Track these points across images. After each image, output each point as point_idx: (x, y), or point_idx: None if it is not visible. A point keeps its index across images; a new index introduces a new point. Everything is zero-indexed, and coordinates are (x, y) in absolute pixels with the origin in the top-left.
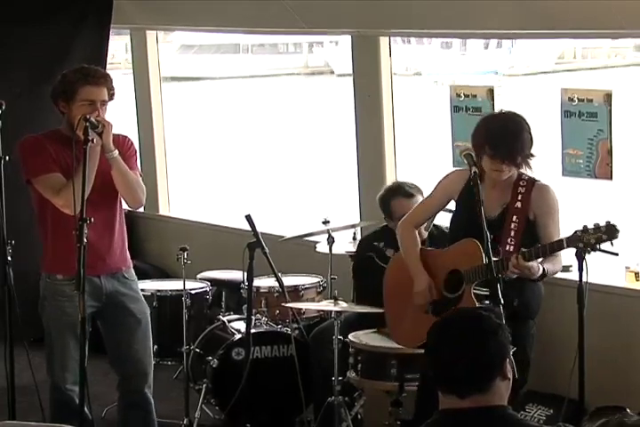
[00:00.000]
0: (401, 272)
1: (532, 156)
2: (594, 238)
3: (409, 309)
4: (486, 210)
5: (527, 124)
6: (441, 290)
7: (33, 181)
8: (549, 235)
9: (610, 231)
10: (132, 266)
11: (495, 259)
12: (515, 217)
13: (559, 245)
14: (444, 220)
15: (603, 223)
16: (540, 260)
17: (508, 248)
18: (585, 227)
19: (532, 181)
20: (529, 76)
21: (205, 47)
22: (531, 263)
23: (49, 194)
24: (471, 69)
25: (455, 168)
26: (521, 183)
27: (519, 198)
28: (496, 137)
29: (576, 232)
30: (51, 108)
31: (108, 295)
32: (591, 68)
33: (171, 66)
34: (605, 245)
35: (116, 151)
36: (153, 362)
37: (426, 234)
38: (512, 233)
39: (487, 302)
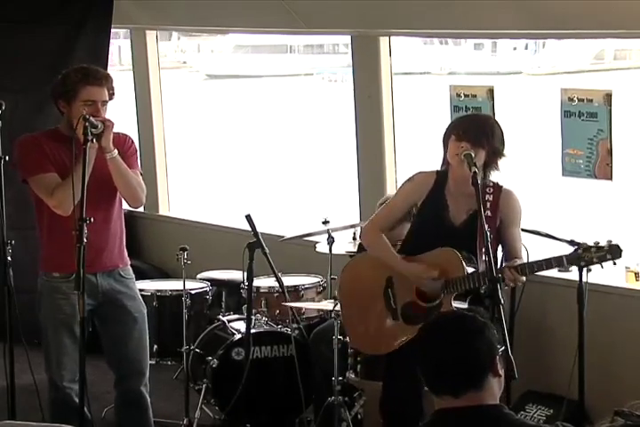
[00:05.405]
0: (359, 280)
1: (502, 154)
2: (597, 257)
3: (371, 316)
4: (452, 216)
5: (498, 123)
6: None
7: (28, 180)
8: (514, 241)
9: (614, 251)
10: (129, 264)
11: (471, 269)
12: (486, 226)
13: (559, 262)
14: None
15: (604, 242)
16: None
17: (484, 258)
18: (585, 245)
19: (498, 188)
20: (555, 75)
21: (259, 47)
22: (524, 277)
23: (43, 194)
24: (502, 69)
25: (419, 170)
26: (487, 190)
27: (488, 206)
28: (464, 120)
29: (577, 250)
30: (51, 109)
31: (105, 293)
32: (622, 69)
33: (224, 64)
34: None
35: (116, 151)
36: (149, 361)
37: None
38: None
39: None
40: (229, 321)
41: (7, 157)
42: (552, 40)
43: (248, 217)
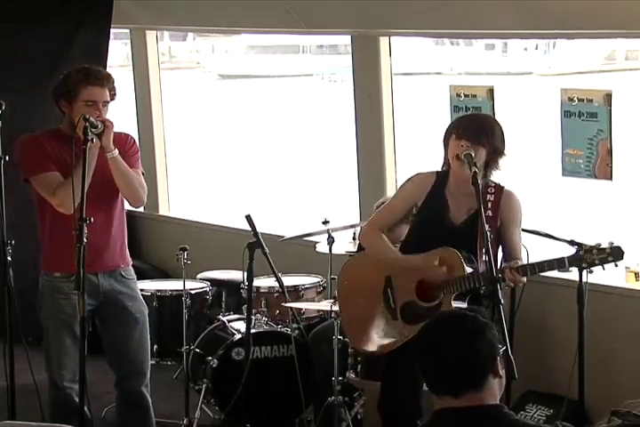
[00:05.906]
0: (357, 280)
1: (503, 153)
2: (598, 259)
3: (371, 316)
4: (453, 216)
5: (498, 122)
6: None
7: (31, 179)
8: (515, 243)
9: (616, 253)
10: (130, 265)
11: (469, 269)
12: (487, 226)
13: (560, 263)
14: None
15: (606, 244)
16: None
17: (484, 258)
18: (587, 246)
19: (499, 188)
20: (566, 76)
21: (271, 48)
22: (525, 278)
23: (45, 193)
24: (512, 70)
25: (418, 172)
26: (489, 190)
27: (489, 206)
28: (464, 119)
29: (578, 252)
30: (51, 108)
31: (106, 293)
32: (634, 69)
33: (236, 64)
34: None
35: (116, 151)
36: (150, 361)
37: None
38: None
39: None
40: (229, 321)
41: (7, 157)
42: (562, 40)
43: (248, 217)
